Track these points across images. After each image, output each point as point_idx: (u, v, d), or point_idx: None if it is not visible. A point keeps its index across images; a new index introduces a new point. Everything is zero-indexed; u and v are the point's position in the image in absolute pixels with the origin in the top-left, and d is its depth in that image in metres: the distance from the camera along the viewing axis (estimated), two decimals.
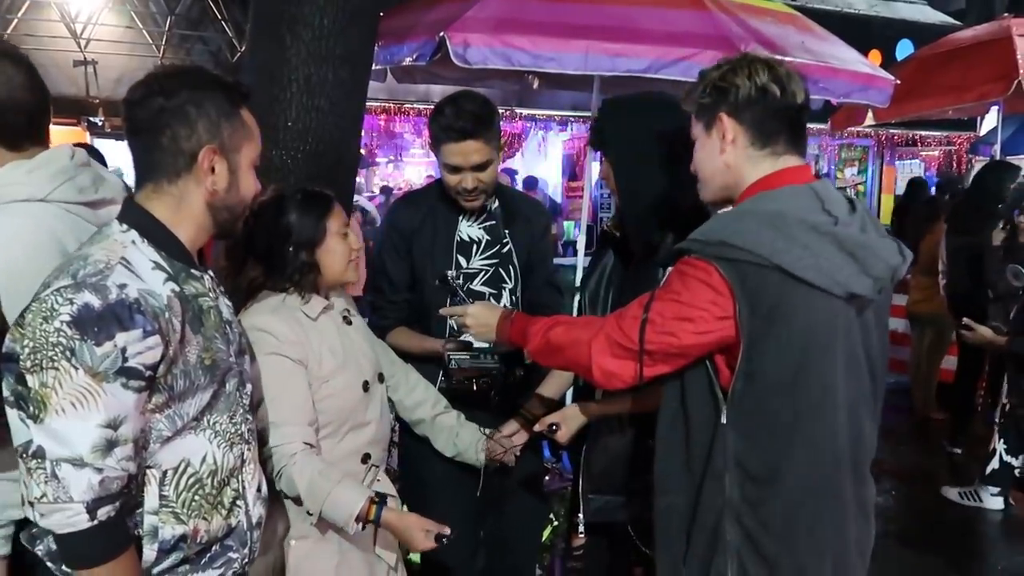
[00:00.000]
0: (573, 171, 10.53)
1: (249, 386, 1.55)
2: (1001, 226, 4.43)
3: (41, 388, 1.22)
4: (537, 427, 1.98)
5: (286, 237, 1.81)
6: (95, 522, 1.24)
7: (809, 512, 1.46)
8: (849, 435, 1.50)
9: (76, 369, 1.21)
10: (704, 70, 1.57)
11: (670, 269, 1.53)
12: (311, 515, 1.73)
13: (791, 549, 1.46)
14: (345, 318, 1.96)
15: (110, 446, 1.24)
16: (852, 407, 1.49)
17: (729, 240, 1.41)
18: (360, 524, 1.72)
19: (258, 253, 1.83)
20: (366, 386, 1.91)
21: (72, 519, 1.23)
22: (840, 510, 1.51)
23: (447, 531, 1.76)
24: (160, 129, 1.34)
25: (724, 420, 1.44)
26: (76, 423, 1.22)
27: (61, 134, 8.16)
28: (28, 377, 1.23)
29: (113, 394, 1.24)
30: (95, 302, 1.23)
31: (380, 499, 1.75)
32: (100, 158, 4.13)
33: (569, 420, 1.92)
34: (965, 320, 3.38)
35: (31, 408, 1.23)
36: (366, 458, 1.92)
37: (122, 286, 1.25)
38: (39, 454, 1.22)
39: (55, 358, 1.21)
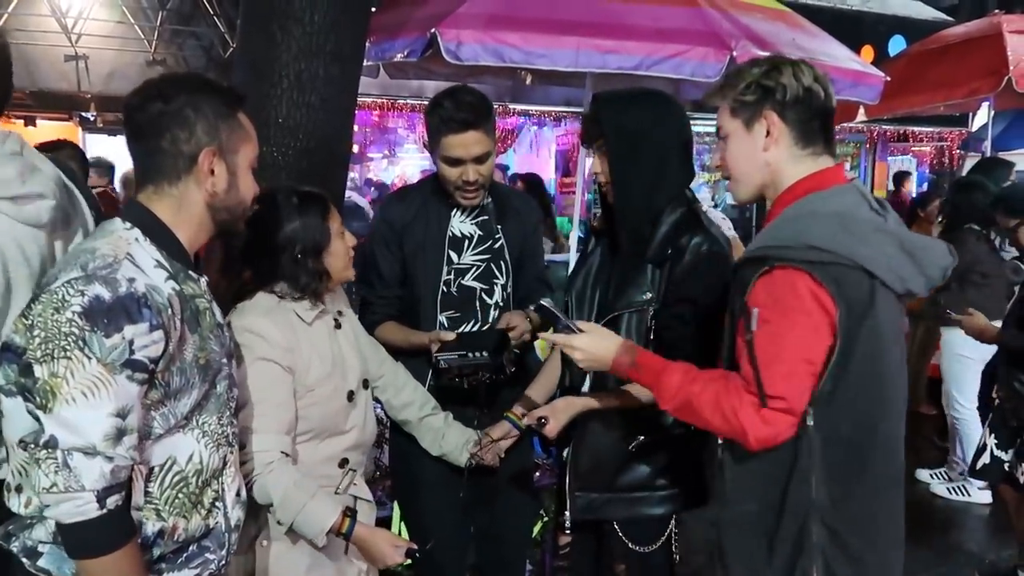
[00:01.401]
0: (567, 167, 10.53)
1: (236, 390, 1.57)
2: (939, 220, 4.48)
3: (51, 378, 1.24)
4: (526, 420, 1.99)
5: (289, 245, 1.76)
6: (104, 511, 1.26)
7: (886, 504, 1.53)
8: (904, 425, 1.58)
9: (89, 359, 1.24)
10: (740, 68, 1.58)
11: (754, 309, 1.46)
12: (281, 524, 1.74)
13: (874, 543, 1.50)
14: (336, 321, 1.95)
15: (120, 435, 1.27)
16: (904, 398, 1.57)
17: (816, 244, 1.42)
18: (327, 538, 1.73)
19: (253, 259, 1.80)
20: (351, 396, 1.91)
21: (82, 508, 1.25)
22: (902, 500, 1.57)
23: (415, 547, 1.78)
24: (160, 133, 1.37)
25: (811, 422, 1.46)
26: (88, 412, 1.24)
27: (53, 129, 8.12)
28: (37, 367, 1.25)
29: (121, 384, 1.26)
30: (105, 294, 1.25)
31: (352, 514, 1.76)
32: (83, 158, 4.11)
33: (558, 414, 1.92)
34: (969, 309, 3.39)
35: (38, 399, 1.25)
36: (343, 463, 1.92)
37: (131, 280, 1.29)
38: (51, 444, 1.24)
39: (67, 348, 1.23)
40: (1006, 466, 3.13)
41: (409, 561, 1.81)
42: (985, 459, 3.23)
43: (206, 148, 1.39)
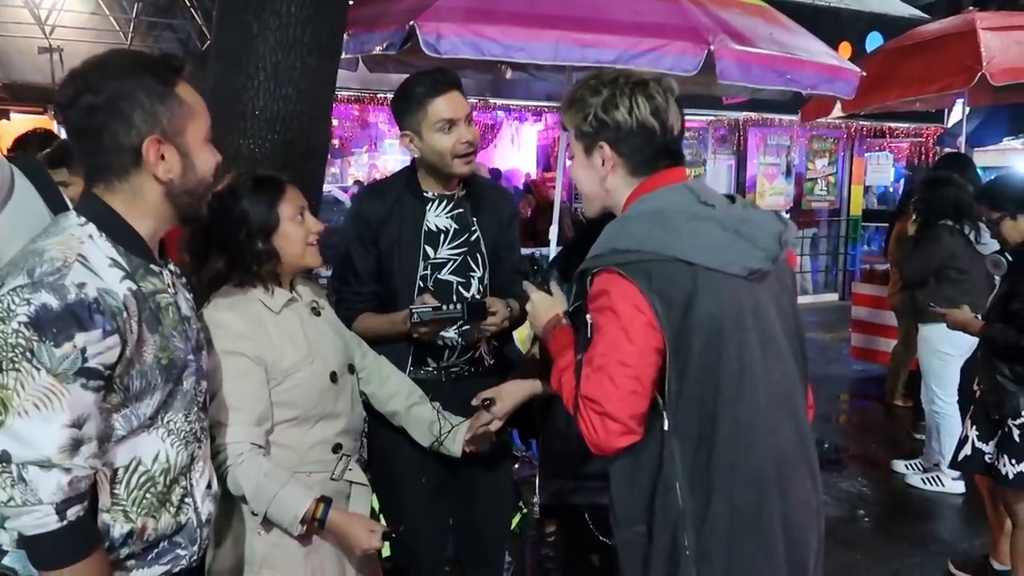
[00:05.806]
0: (548, 162, 10.55)
1: (205, 383, 1.53)
2: (913, 218, 4.54)
3: (1, 390, 1.20)
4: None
5: (240, 225, 1.79)
6: (64, 522, 1.23)
7: (745, 505, 1.43)
8: (791, 420, 1.50)
9: (38, 370, 1.20)
10: (583, 92, 1.57)
11: (587, 317, 1.50)
12: (256, 515, 1.74)
13: (739, 551, 1.43)
14: (314, 309, 1.95)
15: (76, 445, 1.23)
16: (778, 389, 1.49)
17: (619, 246, 1.45)
18: (304, 526, 1.73)
19: (219, 244, 1.81)
20: (334, 377, 1.91)
21: (41, 520, 1.22)
22: (782, 501, 1.47)
23: (390, 529, 1.79)
24: (97, 130, 1.29)
25: (667, 427, 1.43)
26: (41, 425, 1.21)
27: (27, 122, 8.01)
28: None
29: (75, 394, 1.22)
30: (53, 302, 1.20)
31: (326, 501, 1.76)
32: (67, 151, 4.02)
33: (504, 396, 1.93)
34: (962, 305, 3.43)
35: None
36: (337, 448, 1.93)
37: (81, 285, 1.23)
38: (4, 458, 1.20)
39: (15, 359, 1.19)
40: (987, 458, 3.15)
41: (387, 547, 1.81)
42: (966, 451, 3.25)
43: (148, 137, 1.30)
